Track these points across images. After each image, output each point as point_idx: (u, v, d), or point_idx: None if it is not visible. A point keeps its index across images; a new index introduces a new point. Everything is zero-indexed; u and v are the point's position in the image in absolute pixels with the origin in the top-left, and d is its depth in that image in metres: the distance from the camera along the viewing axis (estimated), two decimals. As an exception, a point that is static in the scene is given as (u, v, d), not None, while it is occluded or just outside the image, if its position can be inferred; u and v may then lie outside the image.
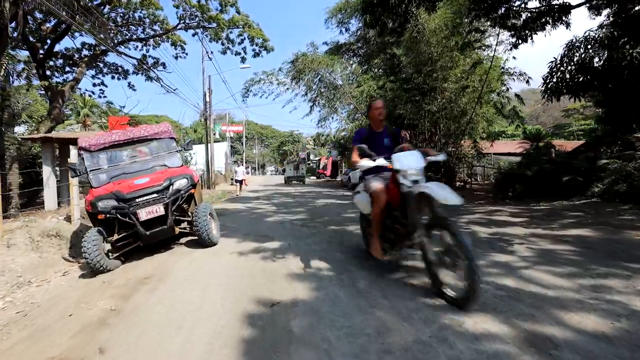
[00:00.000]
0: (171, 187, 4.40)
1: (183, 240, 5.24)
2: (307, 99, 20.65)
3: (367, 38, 22.94)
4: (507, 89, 17.33)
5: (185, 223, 4.74)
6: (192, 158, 21.87)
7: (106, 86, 21.59)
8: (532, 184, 9.20)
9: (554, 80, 8.24)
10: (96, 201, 4.13)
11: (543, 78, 8.43)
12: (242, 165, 16.00)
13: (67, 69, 20.28)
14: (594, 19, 9.88)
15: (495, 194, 10.57)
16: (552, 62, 8.37)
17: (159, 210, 4.18)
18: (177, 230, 4.52)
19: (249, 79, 19.33)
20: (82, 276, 4.03)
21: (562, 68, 8.06)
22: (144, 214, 4.11)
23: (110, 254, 4.20)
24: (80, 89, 22.22)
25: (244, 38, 20.18)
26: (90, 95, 22.92)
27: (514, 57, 15.55)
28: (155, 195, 4.27)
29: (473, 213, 7.44)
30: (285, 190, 19.19)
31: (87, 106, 27.45)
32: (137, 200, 4.17)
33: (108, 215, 4.08)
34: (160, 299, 2.96)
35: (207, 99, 22.38)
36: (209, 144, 22.24)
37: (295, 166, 31.61)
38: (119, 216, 4.06)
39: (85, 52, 19.10)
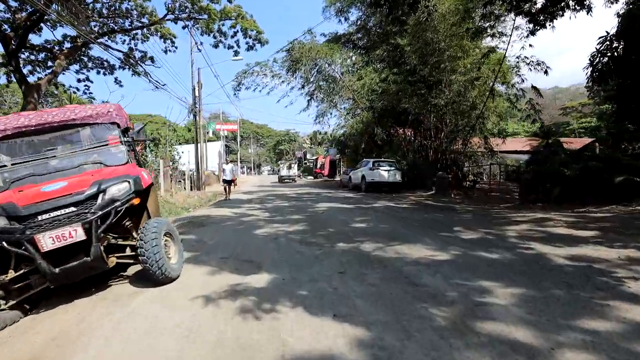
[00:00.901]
0: (101, 196, 2.83)
1: (132, 270, 3.67)
2: (304, 92, 19.15)
3: (367, 28, 21.42)
4: (522, 80, 15.90)
5: (129, 249, 3.17)
6: (179, 157, 20.22)
7: (92, 82, 20.08)
8: (573, 185, 7.77)
9: (604, 60, 6.80)
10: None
11: (590, 58, 6.97)
12: (231, 162, 13.75)
13: (50, 63, 18.87)
14: (610, 6, 8.65)
15: (523, 196, 9.13)
16: (603, 37, 6.91)
17: (74, 233, 2.62)
18: (113, 261, 2.96)
19: (240, 71, 17.78)
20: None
21: (614, 45, 6.62)
22: (47, 241, 2.54)
23: (2, 301, 2.65)
24: (64, 85, 20.68)
25: (237, 31, 18.78)
26: (74, 92, 21.32)
27: (530, 45, 13.99)
28: (71, 209, 2.71)
29: (516, 222, 5.94)
30: (281, 191, 17.65)
31: (72, 103, 25.81)
32: (38, 217, 2.61)
33: (-9, 244, 2.52)
34: None
35: (197, 94, 20.78)
36: (198, 143, 20.64)
37: (288, 166, 34.75)
38: (4, 244, 2.50)
39: (67, 44, 17.54)
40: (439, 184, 13.65)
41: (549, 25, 10.90)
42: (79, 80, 19.80)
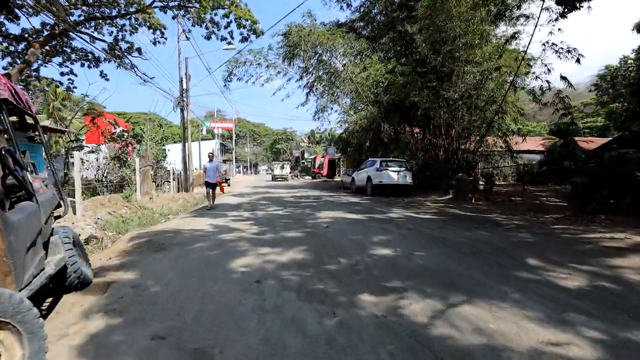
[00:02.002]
0: None
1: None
2: (303, 84, 17.28)
3: (371, 16, 19.59)
4: (549, 70, 14.11)
5: None
6: (165, 155, 18.28)
7: (76, 75, 18.29)
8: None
9: None
10: None
11: None
12: (216, 160, 10.72)
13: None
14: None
15: (576, 205, 7.31)
16: None
17: None
18: None
19: (232, 59, 15.85)
20: None
21: None
22: None
23: None
24: (47, 78, 18.78)
25: (231, 21, 17.10)
26: (57, 86, 19.44)
27: (559, 30, 12.21)
28: None
29: (613, 250, 4.09)
30: (277, 193, 15.77)
31: (58, 98, 23.94)
32: None
33: None
34: None
35: (184, 86, 18.86)
36: (186, 141, 18.73)
37: (281, 167, 38.47)
38: None
39: (46, 33, 15.82)
40: (458, 187, 11.83)
41: (584, 4, 9.16)
42: (62, 74, 18.11)
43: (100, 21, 17.14)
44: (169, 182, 18.41)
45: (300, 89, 17.57)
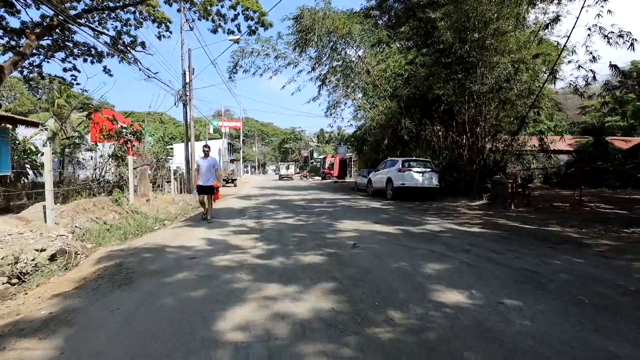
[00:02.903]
0: None
1: None
2: (315, 76, 15.82)
3: (389, 3, 18.05)
4: (594, 58, 12.37)
5: None
6: (168, 154, 17.00)
7: (79, 71, 17.53)
8: None
9: None
10: None
11: None
12: (210, 155, 7.78)
13: (33, 50, 16.21)
14: None
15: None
16: None
17: None
18: None
19: (238, 49, 14.51)
20: None
21: None
22: None
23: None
24: (50, 74, 17.94)
25: (238, 13, 16.02)
26: (60, 82, 18.55)
27: (609, 12, 10.51)
28: None
29: None
30: (286, 195, 14.34)
31: (63, 95, 23.08)
32: None
33: None
34: None
35: (187, 79, 17.62)
36: (189, 139, 17.46)
37: (286, 167, 43.52)
38: None
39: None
40: (495, 192, 10.22)
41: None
42: (65, 70, 17.34)
43: (105, 15, 16.20)
44: (170, 182, 17.20)
45: (312, 82, 16.16)
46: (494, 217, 7.88)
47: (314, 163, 55.37)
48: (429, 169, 12.31)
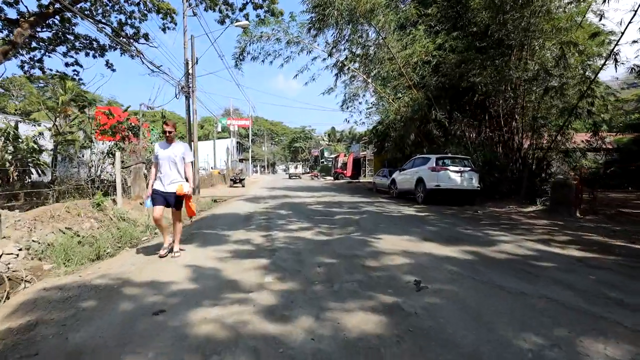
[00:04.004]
0: None
1: None
2: (331, 64, 14.08)
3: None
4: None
5: None
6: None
7: (81, 66, 16.28)
8: None
9: None
10: None
11: None
12: (178, 141, 4.34)
13: (34, 44, 15.22)
14: None
15: None
16: None
17: None
18: None
19: (244, 33, 12.85)
20: None
21: None
22: None
23: None
24: (51, 69, 16.68)
25: (247, 2, 14.48)
26: (61, 78, 17.18)
27: None
28: None
29: None
30: (298, 197, 12.62)
31: (68, 92, 21.91)
32: None
33: None
34: None
35: (190, 70, 16.09)
36: (192, 136, 15.91)
37: (295, 167, 47.12)
38: None
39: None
40: (557, 195, 8.29)
41: None
42: (67, 65, 16.14)
43: (108, 8, 14.95)
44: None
45: (328, 71, 14.42)
46: (572, 230, 5.99)
47: (325, 162, 53.59)
48: (468, 168, 10.41)
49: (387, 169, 17.11)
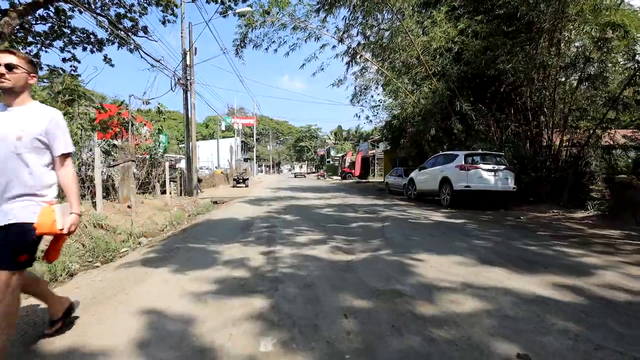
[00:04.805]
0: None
1: None
2: (342, 51, 12.76)
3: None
4: None
5: None
6: (162, 148, 14.25)
7: (79, 62, 15.17)
8: None
9: None
10: None
11: None
12: (52, 124, 1.83)
13: (30, 39, 14.11)
14: None
15: None
16: None
17: None
18: None
19: (247, 17, 11.59)
20: None
21: None
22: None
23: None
24: (49, 65, 15.54)
25: None
26: (60, 73, 16.10)
27: None
28: None
29: None
30: (305, 199, 11.30)
31: (57, 85, 20.89)
32: None
33: None
34: None
35: (188, 61, 14.87)
36: (189, 133, 14.73)
37: (300, 166, 49.16)
38: None
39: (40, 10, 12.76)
40: (620, 199, 6.87)
41: None
42: (64, 60, 15.15)
43: (107, 1, 13.90)
44: (175, 180, 14.56)
45: (337, 60, 13.12)
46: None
47: (331, 162, 52.25)
48: (503, 166, 8.98)
49: (401, 168, 15.73)
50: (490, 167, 8.85)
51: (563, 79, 12.22)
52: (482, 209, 8.92)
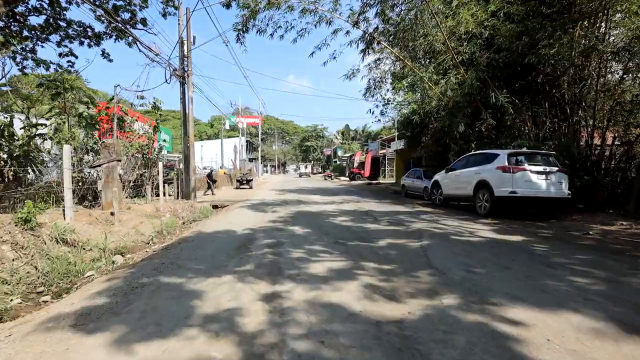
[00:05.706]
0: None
1: None
2: (357, 37, 11.30)
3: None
4: None
5: None
6: (160, 148, 12.93)
7: (76, 57, 13.99)
8: None
9: None
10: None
11: None
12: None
13: (26, 33, 12.93)
14: None
15: None
16: None
17: None
18: None
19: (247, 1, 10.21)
20: None
21: None
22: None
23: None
24: (45, 61, 14.34)
25: None
26: (56, 70, 14.89)
27: None
28: None
29: None
30: (314, 204, 9.87)
31: (66, 87, 19.83)
32: None
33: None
34: None
35: (185, 52, 13.57)
36: (187, 130, 13.39)
37: (305, 166, 49.91)
38: None
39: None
40: None
41: None
42: (60, 55, 13.95)
43: None
44: (172, 183, 13.36)
45: (351, 48, 11.77)
46: None
47: (338, 162, 50.77)
48: (555, 168, 7.44)
49: (420, 169, 14.22)
50: (540, 168, 7.32)
51: (611, 68, 10.69)
52: (529, 219, 7.40)
